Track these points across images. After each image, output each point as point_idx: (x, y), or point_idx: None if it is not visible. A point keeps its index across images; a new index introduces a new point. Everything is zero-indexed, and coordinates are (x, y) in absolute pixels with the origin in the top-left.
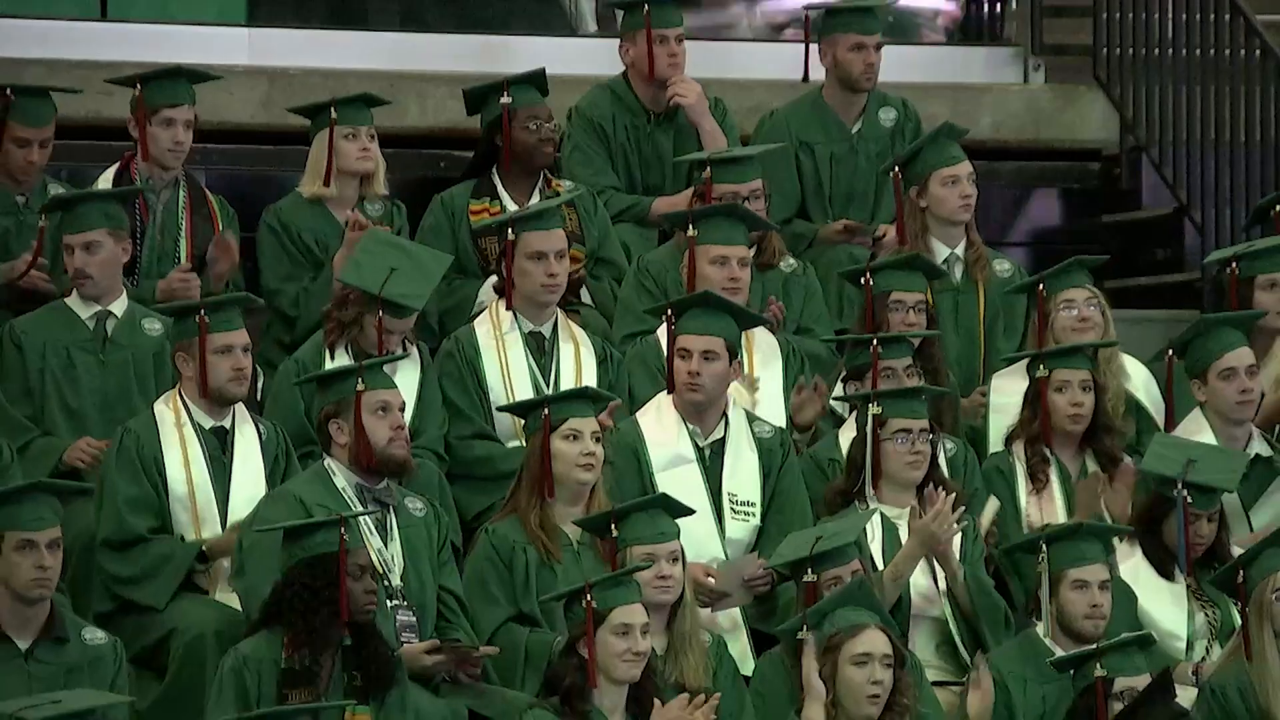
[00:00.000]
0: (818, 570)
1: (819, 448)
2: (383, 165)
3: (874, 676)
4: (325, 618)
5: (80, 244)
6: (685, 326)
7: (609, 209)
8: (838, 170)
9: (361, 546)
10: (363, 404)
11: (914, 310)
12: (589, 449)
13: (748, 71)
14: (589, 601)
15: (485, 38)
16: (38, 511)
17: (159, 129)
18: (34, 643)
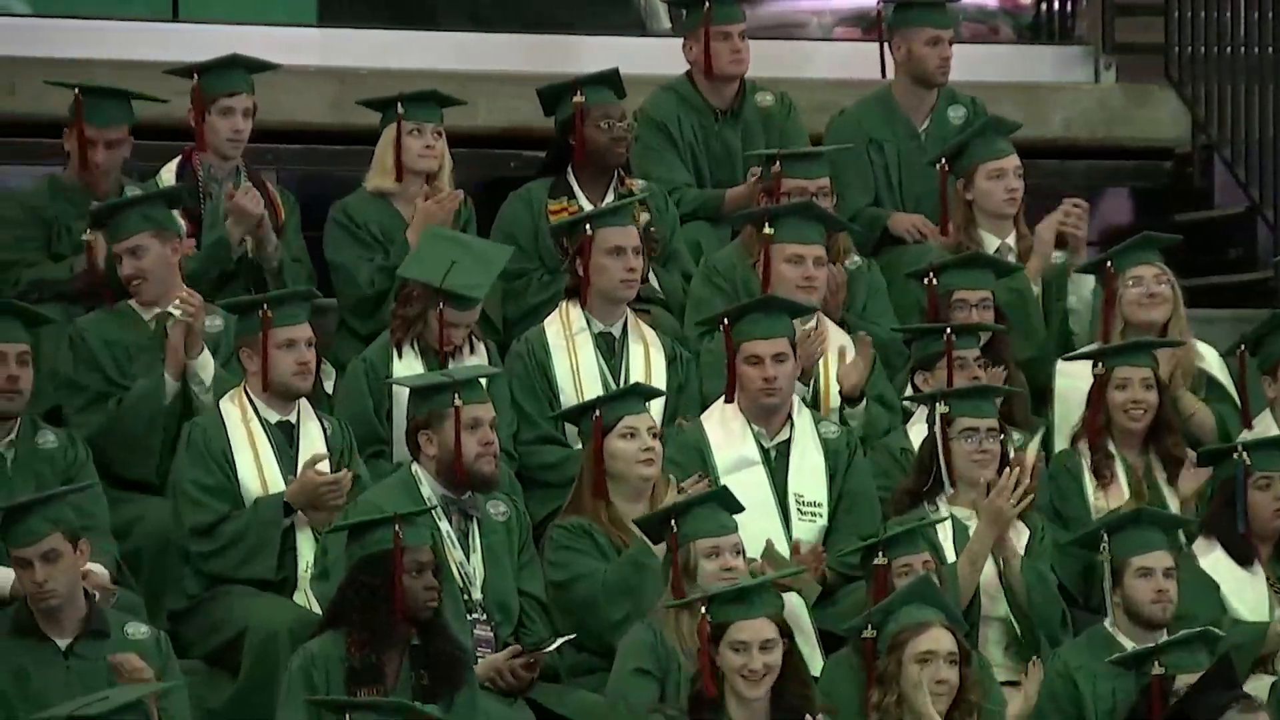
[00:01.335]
0: (889, 555)
1: (889, 439)
2: (449, 163)
3: (938, 675)
4: (384, 615)
5: (126, 250)
6: (750, 332)
7: (681, 207)
8: (905, 168)
9: (425, 544)
10: (459, 420)
11: (978, 308)
12: (647, 444)
13: (816, 70)
14: (705, 617)
15: (555, 37)
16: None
17: (217, 118)
18: (74, 640)
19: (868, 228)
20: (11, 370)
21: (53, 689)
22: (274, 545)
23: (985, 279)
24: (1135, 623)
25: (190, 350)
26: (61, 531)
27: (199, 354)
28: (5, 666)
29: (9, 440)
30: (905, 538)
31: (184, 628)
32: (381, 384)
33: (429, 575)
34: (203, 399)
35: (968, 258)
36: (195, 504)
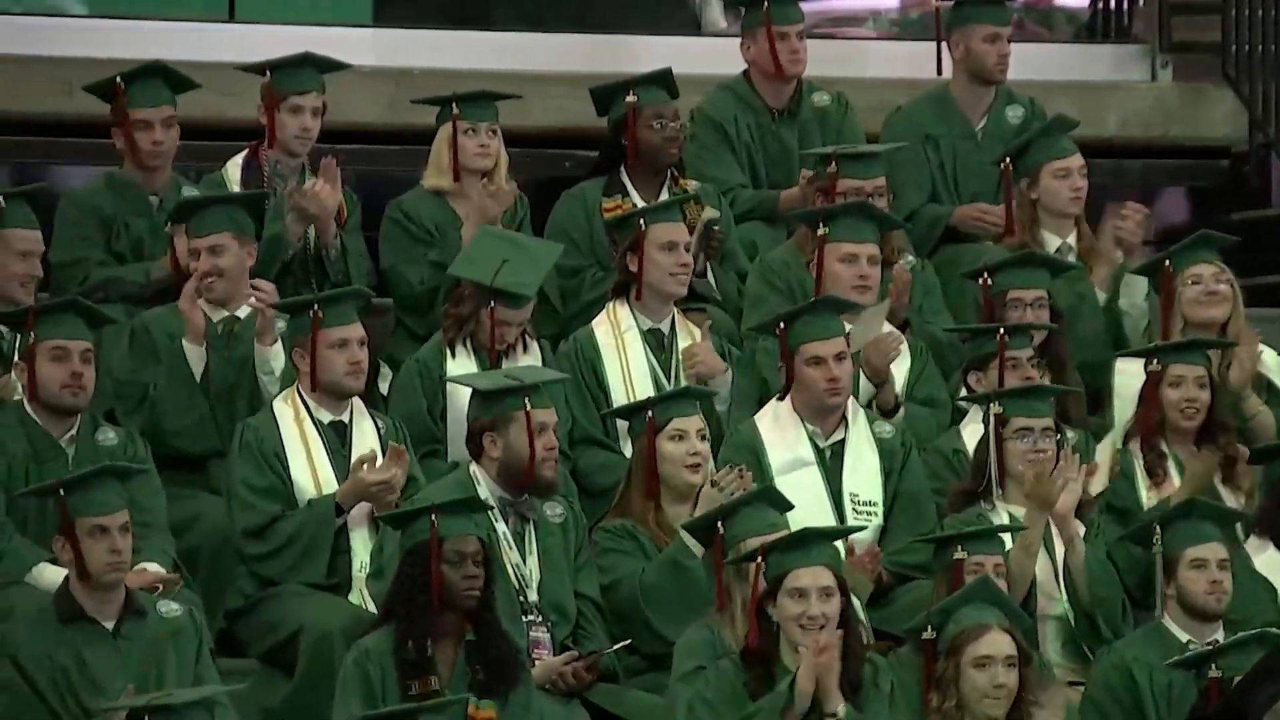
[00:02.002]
0: (968, 550)
1: (942, 440)
2: (505, 161)
3: (997, 679)
4: (423, 605)
5: (206, 247)
6: (809, 333)
7: (735, 207)
8: (960, 166)
9: (467, 534)
10: (529, 424)
11: (1032, 307)
12: (695, 448)
13: (873, 70)
14: (760, 565)
15: (610, 37)
16: (105, 496)
17: (287, 116)
18: (119, 620)
19: (929, 226)
20: (76, 367)
21: (106, 669)
22: (327, 546)
23: (1040, 278)
24: (1190, 615)
25: (264, 338)
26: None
27: (273, 343)
28: (66, 650)
29: (70, 436)
30: (986, 535)
31: (240, 627)
32: (435, 383)
33: (469, 565)
34: (270, 390)
35: (1022, 256)
36: (247, 505)
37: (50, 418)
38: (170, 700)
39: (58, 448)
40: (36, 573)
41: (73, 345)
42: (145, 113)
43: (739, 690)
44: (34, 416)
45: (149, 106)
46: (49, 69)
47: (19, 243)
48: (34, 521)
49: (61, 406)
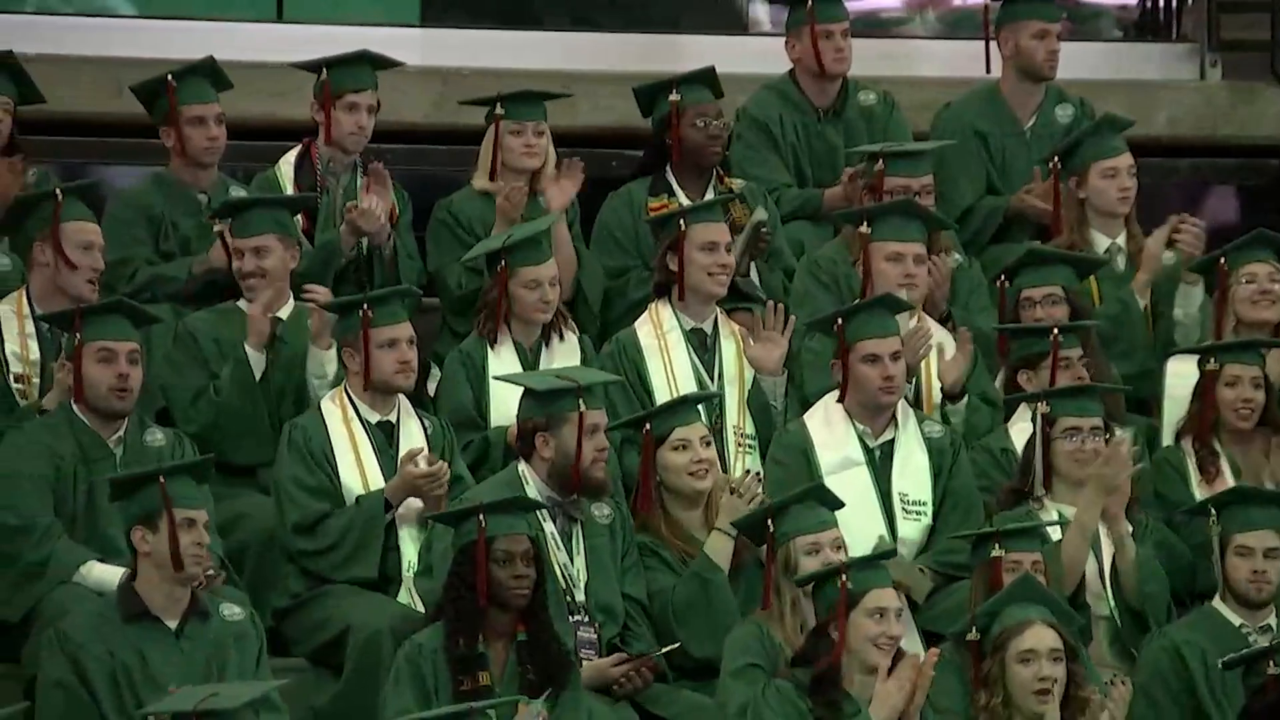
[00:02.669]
0: (1005, 548)
1: (990, 439)
2: (552, 161)
3: (1040, 673)
4: (472, 603)
5: (250, 248)
6: (866, 331)
7: (781, 207)
8: (1008, 164)
9: (517, 534)
10: (582, 425)
11: (1043, 305)
12: (699, 455)
13: (920, 68)
14: (844, 582)
15: (657, 37)
16: (196, 491)
17: (342, 114)
18: (182, 621)
19: (986, 218)
20: (122, 368)
21: (168, 669)
22: (377, 543)
23: (1053, 274)
24: (1238, 602)
25: (319, 341)
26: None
27: (328, 346)
28: (129, 648)
29: (118, 438)
30: (1022, 534)
31: (287, 626)
32: (479, 374)
33: (518, 564)
34: (319, 393)
35: (1028, 255)
36: (297, 502)
37: (98, 419)
38: (219, 704)
39: (106, 449)
40: (84, 571)
41: (119, 346)
42: (198, 109)
43: (805, 715)
44: (82, 418)
45: (201, 103)
46: (98, 69)
47: (78, 234)
48: (82, 521)
49: (108, 410)
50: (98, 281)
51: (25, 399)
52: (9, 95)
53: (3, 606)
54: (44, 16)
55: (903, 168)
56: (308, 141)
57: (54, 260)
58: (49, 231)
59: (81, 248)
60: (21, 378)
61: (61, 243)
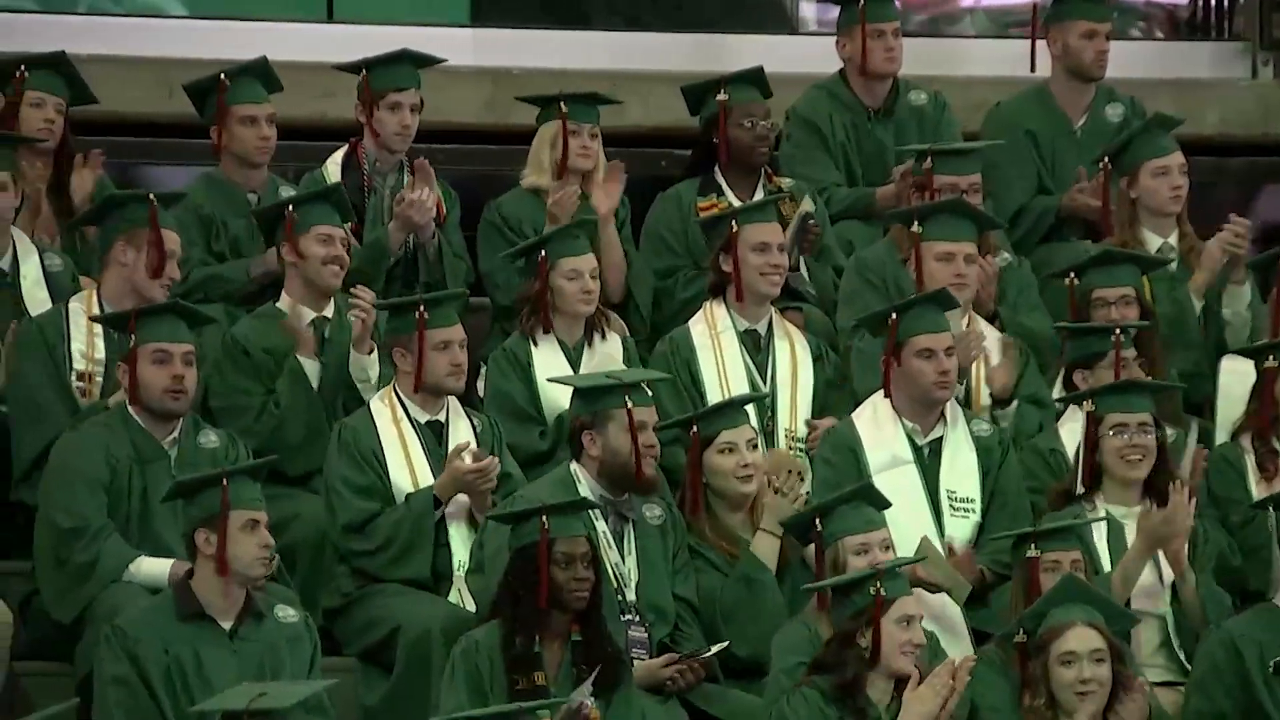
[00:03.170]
0: (1040, 548)
1: (1039, 439)
2: (603, 163)
3: (1082, 675)
4: (531, 604)
5: (320, 236)
6: (921, 326)
7: (831, 206)
8: (1059, 164)
9: (578, 535)
10: (630, 421)
11: (1117, 305)
12: (746, 459)
13: (970, 68)
14: (879, 589)
15: (706, 37)
16: (258, 492)
17: (386, 114)
18: (237, 622)
19: (1038, 218)
20: (177, 370)
21: (222, 670)
22: (428, 540)
23: (1124, 275)
24: None
25: (360, 346)
26: None
27: (370, 351)
28: (185, 647)
29: (172, 439)
30: (1058, 533)
31: (338, 625)
32: (525, 369)
33: (579, 567)
34: (367, 395)
35: (1104, 254)
36: (347, 503)
37: (153, 420)
38: (270, 703)
39: (160, 450)
40: (134, 568)
41: (174, 348)
42: (250, 109)
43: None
44: (137, 419)
45: (253, 103)
46: (148, 70)
47: (167, 242)
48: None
49: (164, 411)
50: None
51: (86, 397)
52: (62, 96)
53: (56, 607)
54: (96, 17)
55: (950, 166)
56: (353, 142)
57: (135, 263)
58: (133, 233)
59: (166, 254)
60: (85, 376)
61: (151, 248)
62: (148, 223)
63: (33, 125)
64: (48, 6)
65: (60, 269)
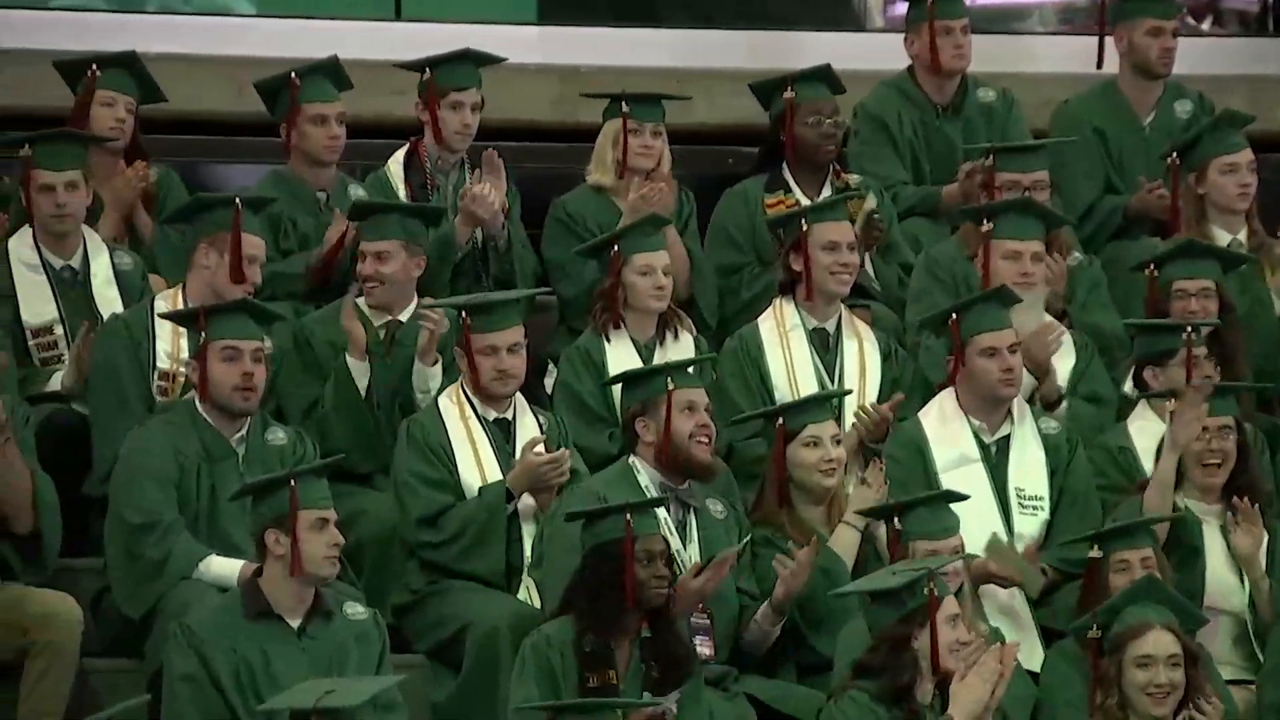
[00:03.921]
0: (1108, 548)
1: (1108, 437)
2: (668, 160)
3: (1158, 679)
4: (611, 602)
5: (373, 252)
6: (983, 324)
7: (898, 204)
8: (1128, 160)
9: (656, 534)
10: (672, 403)
11: (1198, 298)
12: (829, 454)
13: (1038, 65)
14: (931, 589)
15: (774, 34)
16: (326, 491)
17: (448, 112)
18: (305, 620)
19: (1107, 217)
20: (247, 367)
21: (291, 668)
22: (501, 533)
23: (1206, 268)
24: None
25: (425, 358)
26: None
27: (434, 363)
28: (253, 646)
29: (240, 437)
30: (1128, 532)
31: (406, 623)
32: (598, 368)
33: (659, 564)
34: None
35: (1186, 246)
36: (419, 496)
37: (221, 417)
38: (338, 701)
39: (229, 448)
40: (204, 566)
41: (244, 345)
42: (320, 108)
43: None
44: (205, 416)
45: (323, 101)
46: (217, 68)
47: (246, 247)
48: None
49: (233, 409)
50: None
51: (167, 396)
52: (132, 95)
53: (126, 603)
54: (165, 16)
55: (1013, 163)
56: (414, 141)
57: (216, 266)
58: (216, 236)
59: (246, 260)
60: (167, 375)
61: (232, 252)
62: (230, 226)
63: (103, 124)
64: (118, 6)
65: (130, 268)
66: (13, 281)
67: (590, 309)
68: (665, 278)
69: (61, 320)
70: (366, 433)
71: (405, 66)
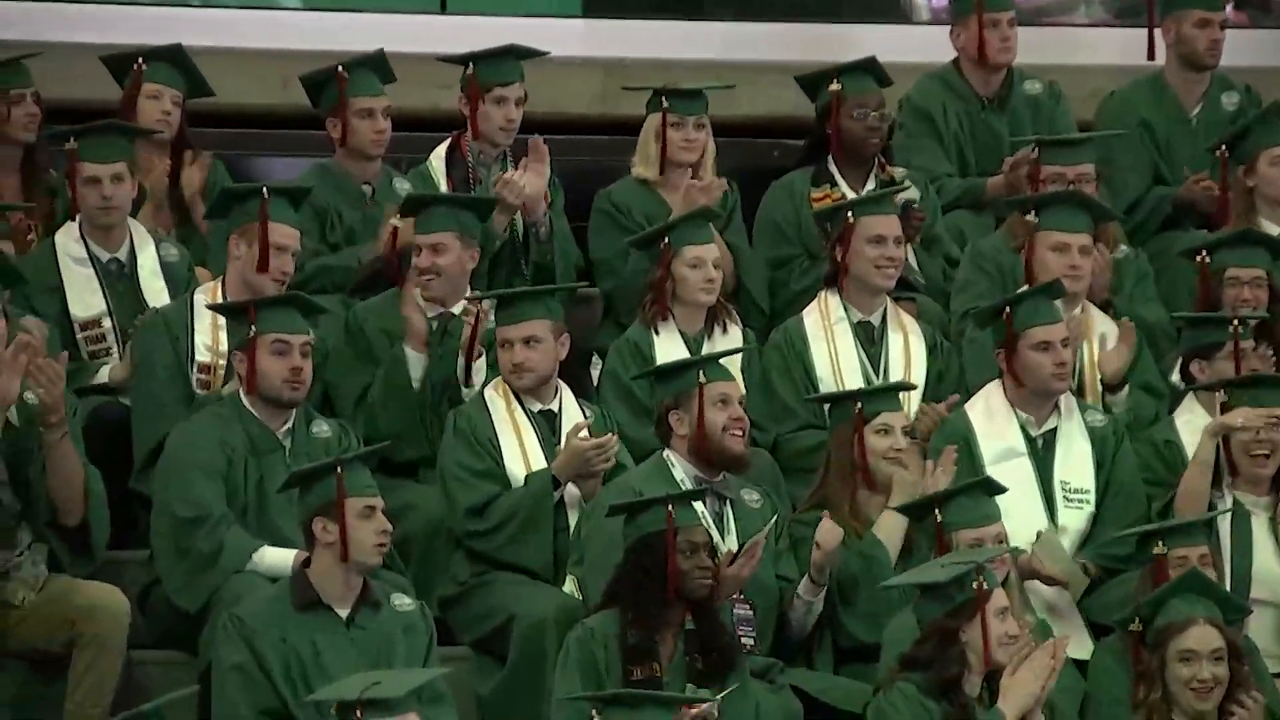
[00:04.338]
0: (1167, 545)
1: (1153, 431)
2: (711, 153)
3: (1201, 675)
4: (655, 595)
5: (428, 245)
6: (1036, 318)
7: (943, 196)
8: (1175, 152)
9: (698, 525)
10: (705, 397)
11: (1250, 286)
12: (898, 443)
13: (1086, 57)
14: (980, 583)
15: (819, 26)
16: (371, 479)
17: (491, 107)
18: (353, 610)
19: (1154, 210)
20: (296, 361)
21: (340, 658)
22: (548, 521)
23: (1259, 257)
24: None
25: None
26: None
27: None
28: (301, 637)
29: (286, 429)
30: (1187, 529)
31: (452, 614)
32: (646, 361)
33: (702, 555)
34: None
35: (1241, 234)
36: (465, 486)
37: (267, 410)
38: (383, 693)
39: (275, 440)
40: (258, 558)
41: (294, 339)
42: (366, 101)
43: (933, 715)
44: (251, 410)
45: (370, 95)
46: (263, 62)
47: (275, 236)
48: (253, 512)
49: (281, 401)
50: (286, 284)
51: (206, 389)
52: (179, 88)
53: (180, 596)
54: (212, 10)
55: (1058, 156)
56: (457, 135)
57: (247, 257)
58: (247, 228)
59: (275, 249)
60: (206, 368)
61: (261, 241)
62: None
63: (150, 117)
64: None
65: (176, 259)
66: (60, 275)
67: (640, 301)
68: (715, 271)
69: (109, 313)
70: (414, 423)
71: (448, 61)
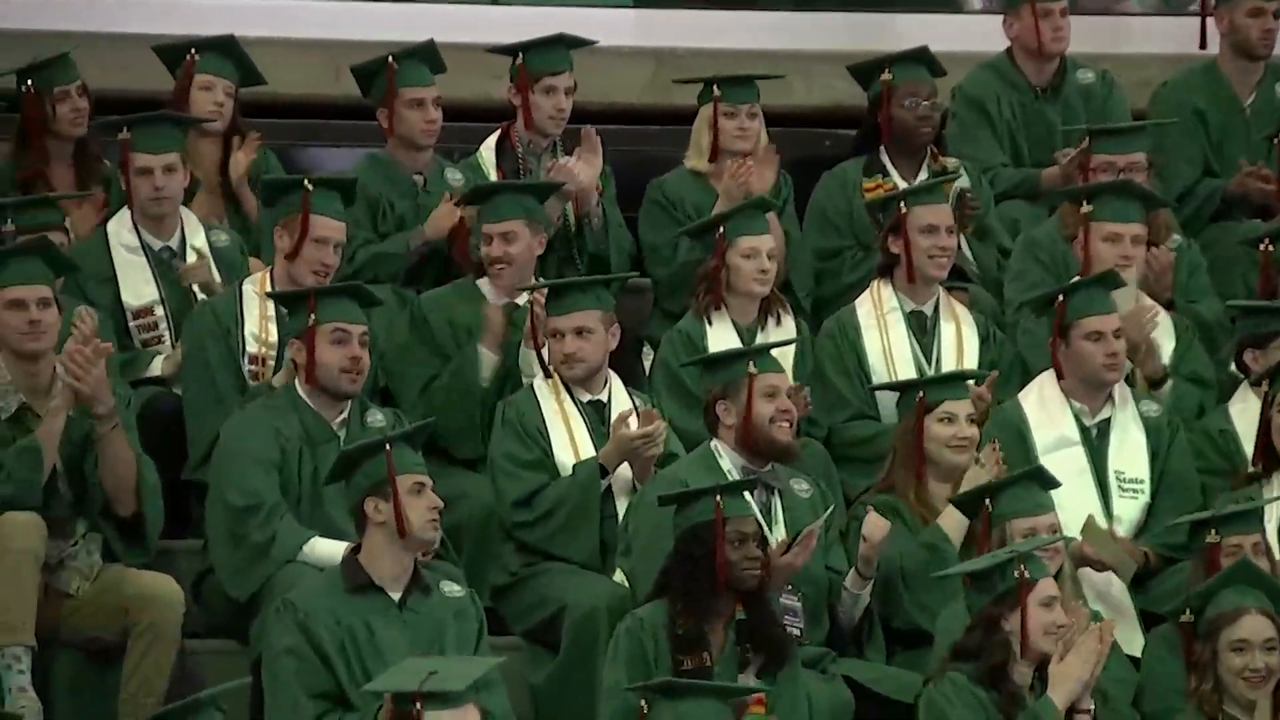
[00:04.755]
0: (1221, 533)
1: (1208, 420)
2: (764, 143)
3: (1253, 664)
4: (705, 585)
5: (498, 233)
6: (1090, 308)
7: (996, 186)
8: (1229, 142)
9: (748, 515)
10: (754, 388)
11: None
12: (964, 432)
13: (1139, 46)
14: (1022, 572)
15: (872, 16)
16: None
17: (541, 97)
18: (405, 593)
19: (1206, 200)
20: (355, 351)
21: (394, 640)
22: (595, 510)
23: None
24: None
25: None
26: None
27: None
28: (355, 619)
29: (341, 420)
30: (1240, 517)
31: (504, 604)
32: (698, 352)
33: (751, 546)
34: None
35: None
36: (513, 477)
37: (323, 400)
38: (443, 685)
39: (330, 431)
40: (309, 549)
41: (353, 329)
42: (417, 91)
43: (985, 705)
44: (306, 400)
45: (420, 85)
46: (315, 52)
47: (315, 228)
48: (307, 503)
49: (339, 392)
50: (328, 275)
51: (257, 380)
52: (231, 78)
53: (232, 584)
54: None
55: (1108, 145)
56: (506, 125)
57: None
58: (290, 219)
59: (314, 240)
60: (256, 359)
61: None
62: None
63: (202, 107)
64: None
65: (226, 244)
66: (112, 264)
67: (694, 291)
68: (769, 261)
69: (161, 301)
70: (470, 425)
71: (497, 51)
